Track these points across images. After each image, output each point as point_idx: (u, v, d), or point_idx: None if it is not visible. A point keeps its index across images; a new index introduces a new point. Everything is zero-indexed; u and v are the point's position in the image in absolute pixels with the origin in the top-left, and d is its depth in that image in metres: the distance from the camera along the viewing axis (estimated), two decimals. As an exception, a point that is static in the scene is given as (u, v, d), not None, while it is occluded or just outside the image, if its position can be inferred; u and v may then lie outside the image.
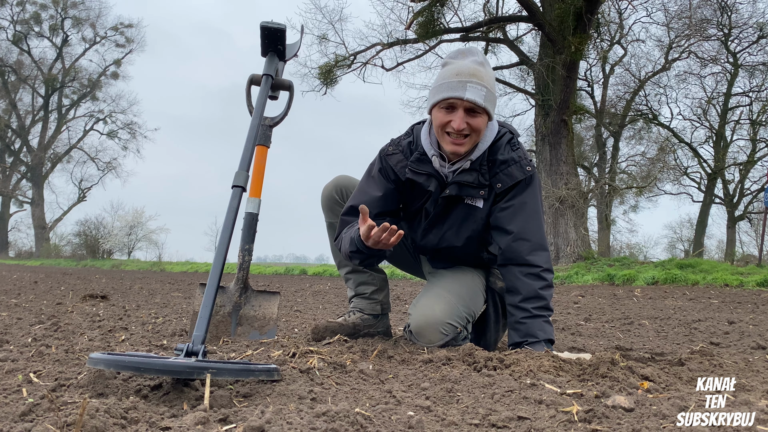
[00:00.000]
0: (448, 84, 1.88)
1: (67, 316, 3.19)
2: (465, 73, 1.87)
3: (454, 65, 1.91)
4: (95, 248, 25.64)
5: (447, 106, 1.90)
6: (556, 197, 12.06)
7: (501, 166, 2.00)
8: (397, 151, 2.11)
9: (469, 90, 1.85)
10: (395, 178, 2.09)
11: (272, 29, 2.39)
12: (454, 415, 1.22)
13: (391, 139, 2.17)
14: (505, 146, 2.03)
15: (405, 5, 14.07)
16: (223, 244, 1.81)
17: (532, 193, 2.03)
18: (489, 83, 1.90)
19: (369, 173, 2.15)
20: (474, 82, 1.86)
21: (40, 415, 1.14)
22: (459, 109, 1.88)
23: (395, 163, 2.09)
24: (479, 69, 1.89)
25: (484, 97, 1.86)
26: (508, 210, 2.01)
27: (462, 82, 1.86)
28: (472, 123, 1.89)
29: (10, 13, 30.83)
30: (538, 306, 1.95)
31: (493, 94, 1.91)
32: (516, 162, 2.01)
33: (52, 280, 8.36)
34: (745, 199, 22.83)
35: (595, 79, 22.24)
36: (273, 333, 2.21)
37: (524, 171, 2.00)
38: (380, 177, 2.11)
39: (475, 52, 1.96)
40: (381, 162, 2.12)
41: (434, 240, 2.16)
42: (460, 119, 1.87)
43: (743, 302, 5.32)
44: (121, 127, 33.25)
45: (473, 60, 1.92)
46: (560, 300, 5.83)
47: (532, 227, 2.00)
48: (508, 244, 2.01)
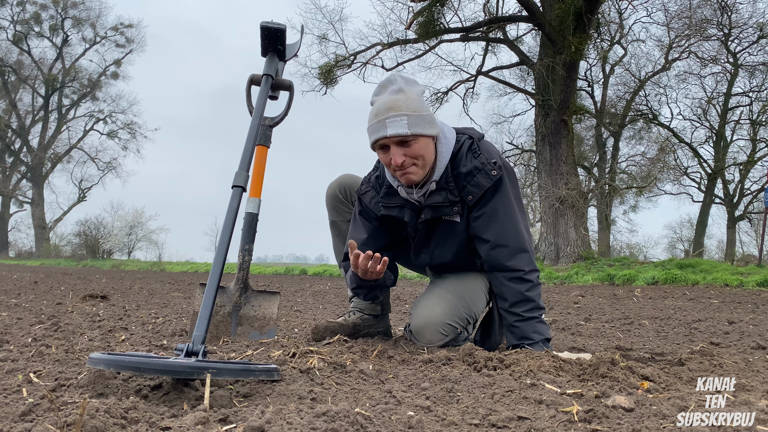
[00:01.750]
0: (372, 127, 1.89)
1: (67, 316, 3.19)
2: (382, 110, 1.86)
3: (375, 104, 1.92)
4: (95, 248, 25.65)
5: (380, 147, 1.91)
6: (556, 197, 12.06)
7: (466, 178, 1.97)
8: (369, 188, 2.13)
9: (389, 126, 1.84)
10: (374, 215, 2.12)
11: (272, 29, 2.39)
12: (454, 415, 1.22)
13: (364, 177, 2.21)
14: (466, 155, 1.99)
15: (405, 5, 14.09)
16: (223, 244, 1.81)
17: (501, 197, 1.99)
18: (410, 107, 1.86)
19: (354, 216, 2.20)
20: (391, 116, 1.84)
21: (40, 415, 1.14)
22: (391, 146, 1.87)
23: (369, 201, 2.12)
24: (396, 98, 1.86)
25: (407, 125, 1.84)
26: (481, 219, 2.00)
27: (381, 122, 1.86)
28: (410, 152, 1.87)
29: (10, 13, 30.88)
30: (527, 308, 1.95)
31: (419, 115, 1.86)
32: (480, 170, 1.97)
33: (52, 280, 8.36)
34: (745, 199, 22.84)
35: (595, 79, 22.26)
36: (273, 333, 2.21)
37: (490, 177, 1.96)
38: (362, 219, 2.15)
39: (393, 80, 1.93)
40: (360, 203, 2.16)
41: (426, 259, 2.19)
42: (396, 155, 1.86)
43: (743, 302, 5.32)
44: (121, 127, 33.33)
45: (391, 91, 1.90)
46: (560, 300, 5.83)
47: (507, 232, 1.98)
48: (488, 252, 2.01)
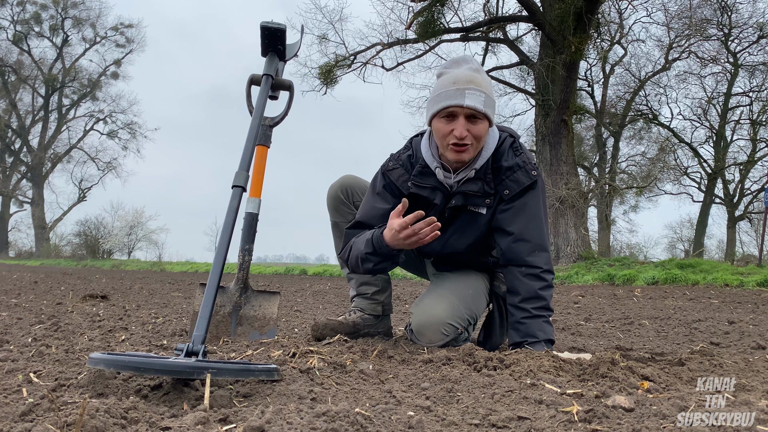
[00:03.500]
0: (446, 93, 1.87)
1: (67, 316, 3.19)
2: (462, 80, 1.87)
3: (450, 74, 1.91)
4: (95, 248, 25.64)
5: (447, 114, 1.89)
6: (556, 197, 12.06)
7: (507, 172, 1.99)
8: (398, 165, 2.11)
9: (468, 97, 1.84)
10: (399, 193, 2.09)
11: (272, 29, 2.39)
12: (454, 415, 1.22)
13: (391, 154, 2.18)
14: (508, 151, 2.02)
15: (405, 5, 14.09)
16: (223, 244, 1.81)
17: (534, 196, 2.02)
18: (487, 89, 1.89)
19: (373, 190, 2.15)
20: (472, 88, 1.85)
21: (40, 415, 1.14)
22: (460, 116, 1.87)
23: (396, 178, 2.09)
24: (476, 75, 1.89)
25: (483, 102, 1.86)
26: (509, 211, 2.01)
27: (460, 90, 1.85)
28: (474, 130, 1.88)
29: (10, 13, 30.87)
30: (537, 306, 1.95)
31: (491, 99, 1.90)
32: (521, 167, 2.00)
33: (52, 280, 8.36)
34: (745, 199, 22.85)
35: (595, 79, 22.28)
36: (273, 333, 2.21)
37: (530, 176, 2.00)
38: (385, 192, 2.11)
39: (470, 60, 1.96)
40: (384, 178, 2.13)
41: (438, 247, 2.16)
42: (462, 127, 1.86)
43: (743, 302, 5.32)
44: (121, 127, 33.33)
45: (469, 67, 1.92)
46: (560, 300, 5.83)
47: (532, 228, 2.00)
48: (509, 245, 2.01)
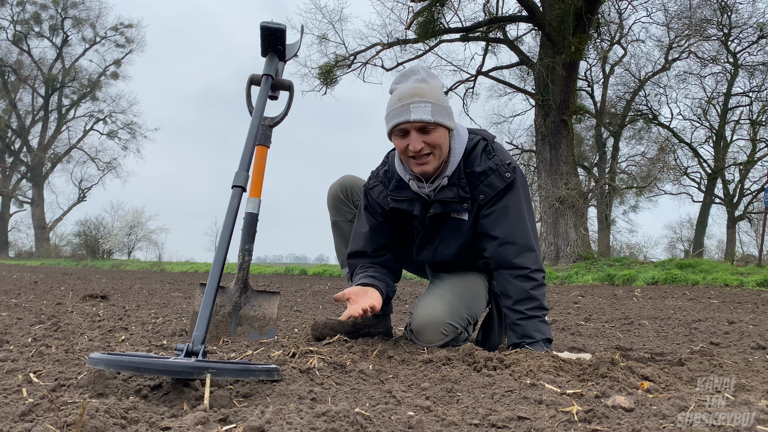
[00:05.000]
0: (394, 111, 1.90)
1: (67, 316, 3.19)
2: (406, 95, 1.88)
3: (397, 90, 1.93)
4: (95, 248, 25.66)
5: (399, 132, 1.92)
6: (556, 197, 12.06)
7: (480, 177, 2.00)
8: (377, 182, 2.14)
9: (413, 111, 1.86)
10: (381, 209, 2.12)
11: (272, 29, 2.39)
12: (454, 415, 1.22)
13: (372, 171, 2.21)
14: (480, 155, 2.02)
15: (405, 5, 14.09)
16: (223, 244, 1.81)
17: (513, 197, 2.01)
18: (434, 96, 1.89)
19: (359, 211, 2.21)
20: (416, 101, 1.86)
21: (40, 415, 1.14)
22: (411, 131, 1.89)
23: (377, 195, 2.13)
24: (420, 87, 1.89)
25: (431, 112, 1.86)
26: (491, 216, 2.02)
27: (405, 106, 1.87)
28: (429, 140, 1.89)
29: (10, 13, 30.89)
30: (531, 307, 1.95)
31: (441, 105, 1.90)
32: (494, 171, 1.99)
33: (52, 280, 8.36)
34: (745, 199, 22.85)
35: (595, 79, 22.28)
36: (273, 333, 2.21)
37: (504, 178, 1.99)
38: (366, 214, 2.17)
39: (417, 71, 1.97)
40: (366, 198, 2.17)
41: (429, 255, 2.20)
42: (415, 140, 1.88)
43: (743, 302, 5.32)
44: (121, 127, 33.35)
45: (415, 79, 1.93)
46: (560, 300, 5.83)
47: (516, 230, 2.00)
48: (495, 249, 2.02)
